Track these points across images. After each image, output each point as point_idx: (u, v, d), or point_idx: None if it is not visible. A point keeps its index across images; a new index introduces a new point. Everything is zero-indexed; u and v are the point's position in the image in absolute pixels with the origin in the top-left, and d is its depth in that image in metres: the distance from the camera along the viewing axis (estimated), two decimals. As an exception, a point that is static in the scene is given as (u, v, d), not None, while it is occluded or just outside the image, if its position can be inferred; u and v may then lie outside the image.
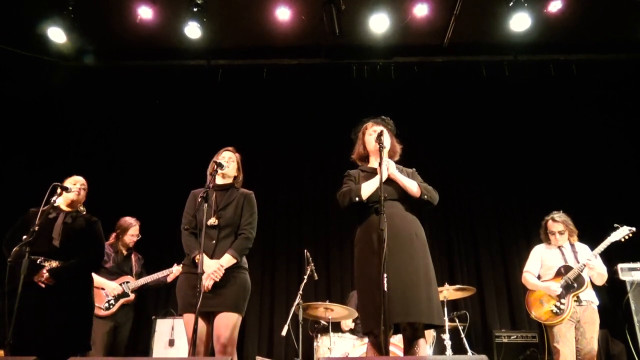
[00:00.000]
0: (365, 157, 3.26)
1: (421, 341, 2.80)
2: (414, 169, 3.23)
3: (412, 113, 6.84)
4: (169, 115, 6.93)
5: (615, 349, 5.23)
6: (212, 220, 3.18)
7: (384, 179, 2.89)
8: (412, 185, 3.01)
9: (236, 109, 6.96)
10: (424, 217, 6.31)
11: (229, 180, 3.42)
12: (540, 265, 4.48)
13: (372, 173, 3.09)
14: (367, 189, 2.97)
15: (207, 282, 3.01)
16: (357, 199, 2.96)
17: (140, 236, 4.90)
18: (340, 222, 6.34)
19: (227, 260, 3.12)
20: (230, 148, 3.51)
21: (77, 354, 3.52)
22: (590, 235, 4.64)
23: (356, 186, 3.02)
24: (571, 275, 4.22)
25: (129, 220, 4.85)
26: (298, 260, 6.20)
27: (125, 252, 4.82)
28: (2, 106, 6.44)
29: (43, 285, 3.33)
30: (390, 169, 2.98)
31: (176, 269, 4.76)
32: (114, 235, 4.80)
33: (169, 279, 4.85)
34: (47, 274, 3.34)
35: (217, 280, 3.04)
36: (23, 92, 6.46)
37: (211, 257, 3.11)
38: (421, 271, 2.83)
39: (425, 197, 3.00)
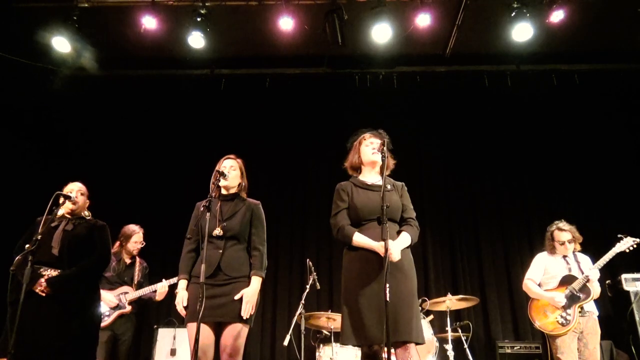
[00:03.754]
0: (358, 168, 3.24)
1: (411, 346, 2.77)
2: (403, 184, 3.22)
3: (414, 122, 6.87)
4: (172, 124, 6.96)
5: (620, 359, 5.20)
6: (217, 231, 3.19)
7: (395, 259, 2.83)
8: (408, 242, 3.00)
9: (239, 118, 6.98)
10: (427, 226, 6.26)
11: (233, 190, 3.42)
12: (543, 273, 4.46)
13: (365, 189, 3.07)
14: (359, 241, 2.92)
15: (247, 307, 3.06)
16: (346, 246, 3.03)
17: (144, 244, 4.84)
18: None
19: (258, 283, 3.17)
20: (231, 155, 3.49)
21: None
22: (593, 242, 4.64)
23: (350, 231, 2.97)
24: (576, 285, 4.19)
25: (132, 227, 4.80)
26: (300, 269, 6.18)
27: (128, 261, 4.76)
28: (5, 111, 6.48)
29: (43, 295, 3.31)
30: (394, 254, 2.84)
31: (162, 285, 4.67)
32: (117, 243, 4.73)
33: (158, 298, 4.73)
34: (44, 283, 3.32)
35: (253, 310, 3.11)
36: (27, 99, 6.49)
37: (218, 266, 3.11)
38: (414, 291, 2.88)
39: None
